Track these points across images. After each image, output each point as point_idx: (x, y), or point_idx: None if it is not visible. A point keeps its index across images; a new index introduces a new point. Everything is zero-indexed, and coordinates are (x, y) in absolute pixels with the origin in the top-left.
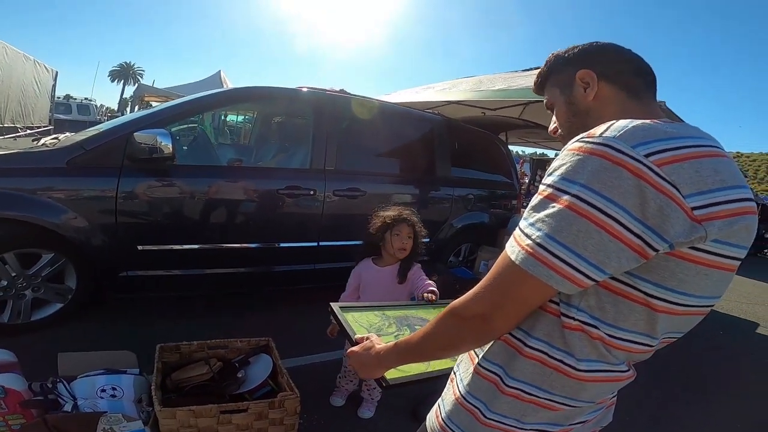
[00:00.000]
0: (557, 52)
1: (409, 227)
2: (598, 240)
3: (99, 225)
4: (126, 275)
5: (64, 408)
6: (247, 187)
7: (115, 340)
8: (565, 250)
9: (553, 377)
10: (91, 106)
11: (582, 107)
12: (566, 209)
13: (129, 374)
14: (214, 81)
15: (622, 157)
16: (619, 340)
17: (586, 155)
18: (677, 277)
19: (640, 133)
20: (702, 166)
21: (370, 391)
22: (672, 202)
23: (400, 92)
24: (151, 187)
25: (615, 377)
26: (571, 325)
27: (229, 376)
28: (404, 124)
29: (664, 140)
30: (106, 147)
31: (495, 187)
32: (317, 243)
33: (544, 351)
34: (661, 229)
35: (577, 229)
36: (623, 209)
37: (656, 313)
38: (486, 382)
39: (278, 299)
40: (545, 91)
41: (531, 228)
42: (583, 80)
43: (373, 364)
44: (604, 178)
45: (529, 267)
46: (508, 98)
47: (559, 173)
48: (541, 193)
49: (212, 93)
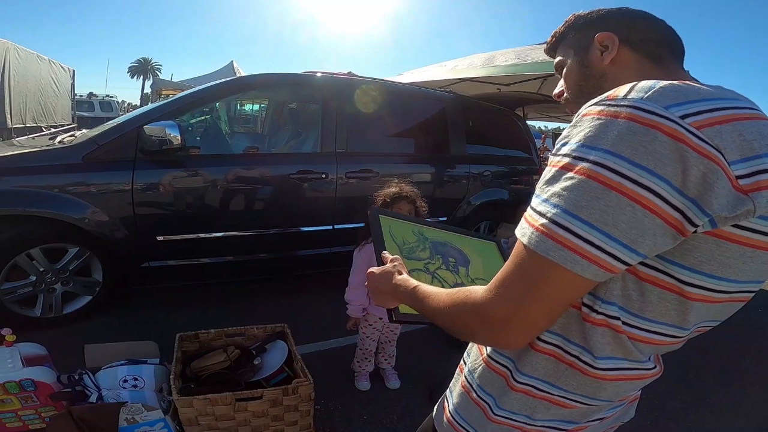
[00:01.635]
0: (579, 12)
1: (408, 204)
2: (630, 215)
3: (118, 218)
4: (148, 266)
5: (90, 399)
6: (259, 173)
7: (139, 331)
8: (590, 228)
9: (568, 374)
10: (113, 102)
11: (596, 71)
12: (590, 180)
13: (150, 364)
14: (227, 71)
15: (654, 118)
16: (644, 332)
17: (610, 119)
18: (717, 260)
19: (671, 93)
20: (746, 129)
21: (388, 359)
22: (718, 168)
23: (411, 72)
24: (165, 179)
25: (638, 375)
26: (594, 319)
27: (245, 363)
28: (414, 104)
29: (699, 101)
30: (118, 141)
31: (513, 163)
32: (332, 226)
33: (559, 345)
34: (702, 200)
35: (605, 204)
36: (661, 178)
37: (690, 301)
38: (496, 376)
39: (295, 284)
40: (558, 52)
41: (545, 205)
42: (602, 43)
43: (387, 292)
44: (634, 143)
45: (546, 251)
46: (523, 73)
47: (578, 140)
48: (554, 164)
49: (219, 82)
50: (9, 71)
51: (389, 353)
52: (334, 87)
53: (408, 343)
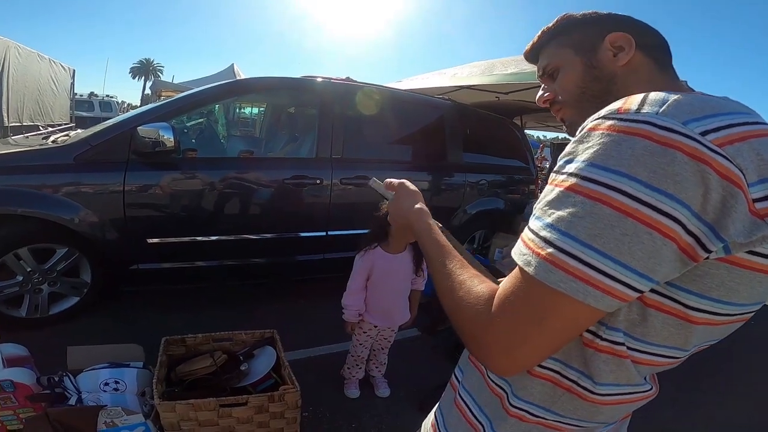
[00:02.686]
0: (569, 13)
1: None
2: (649, 244)
3: (109, 219)
4: (137, 268)
5: (70, 401)
6: (253, 177)
7: (126, 333)
8: (604, 258)
9: (565, 398)
10: (113, 102)
11: (607, 72)
12: (603, 206)
13: (132, 367)
14: (227, 74)
15: (672, 136)
16: (646, 355)
17: (622, 135)
18: (726, 286)
19: (686, 106)
20: (762, 147)
21: (379, 367)
22: (739, 191)
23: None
24: (157, 181)
25: (636, 398)
26: (598, 346)
27: (232, 369)
28: (412, 111)
29: (717, 116)
30: (111, 142)
31: (510, 172)
32: (326, 232)
33: (557, 370)
34: (719, 225)
35: (620, 232)
36: (681, 203)
37: (694, 325)
38: (493, 396)
39: (287, 290)
40: (544, 54)
41: (550, 230)
42: (615, 44)
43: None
44: (652, 165)
45: (556, 283)
46: (521, 81)
47: (585, 158)
48: (558, 183)
49: (216, 85)
50: (8, 70)
51: (381, 361)
52: (331, 92)
53: (398, 352)
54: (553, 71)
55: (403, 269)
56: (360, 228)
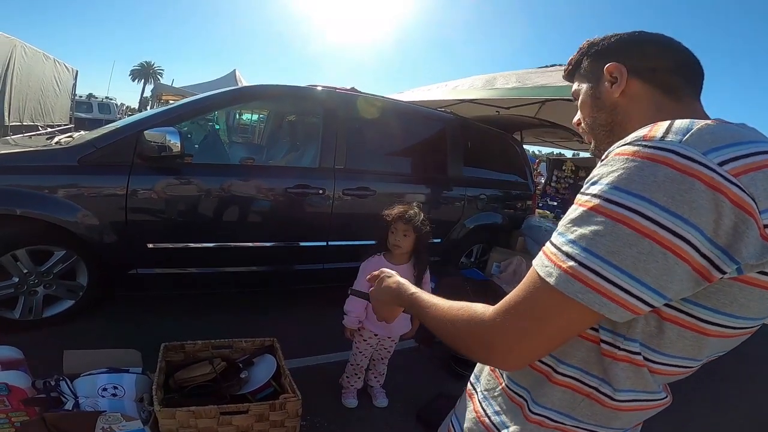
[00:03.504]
0: (592, 39)
1: (405, 225)
2: (663, 263)
3: (109, 223)
4: (136, 273)
5: (66, 406)
6: (256, 185)
7: (124, 338)
8: (621, 273)
9: (584, 404)
10: (111, 104)
11: (607, 103)
12: (624, 227)
13: (131, 373)
14: (228, 80)
15: (693, 165)
16: (662, 365)
17: (646, 162)
18: (738, 302)
19: (707, 136)
20: None
21: (377, 377)
22: (750, 218)
23: (412, 90)
24: (161, 186)
25: (653, 405)
26: (615, 355)
27: (231, 376)
28: (415, 123)
29: (734, 145)
30: (116, 145)
31: (509, 187)
32: (326, 243)
33: (577, 378)
34: (732, 249)
35: (638, 251)
36: (694, 227)
37: (707, 337)
38: (513, 404)
39: (287, 299)
40: (575, 79)
41: (572, 246)
42: (612, 74)
43: (386, 300)
44: (672, 191)
45: (574, 294)
46: (522, 96)
47: (610, 181)
48: (583, 203)
49: (222, 91)
50: (13, 69)
51: (380, 371)
52: (336, 102)
53: (396, 362)
54: (576, 97)
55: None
56: (361, 239)
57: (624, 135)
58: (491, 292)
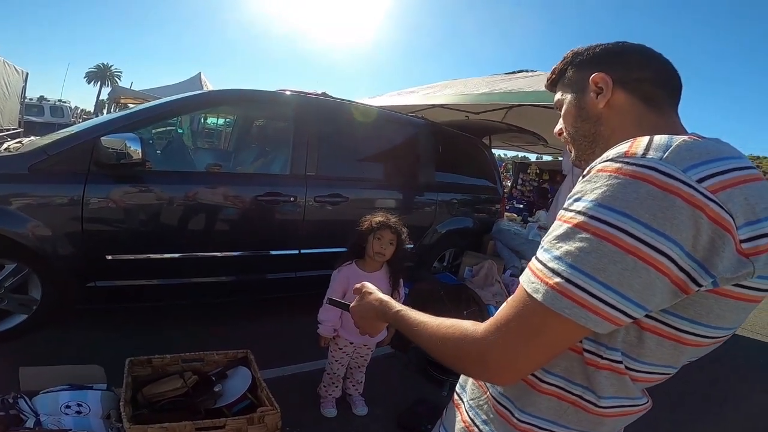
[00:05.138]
0: (577, 49)
1: (392, 234)
2: (645, 278)
3: (64, 234)
4: (95, 285)
5: (27, 424)
6: (224, 193)
7: (84, 354)
8: (606, 289)
9: (570, 412)
10: (64, 108)
11: (592, 113)
12: (608, 244)
13: (96, 390)
14: (193, 83)
15: (673, 183)
16: (642, 373)
17: (628, 179)
18: (714, 313)
19: (686, 153)
20: (750, 193)
21: (356, 386)
22: (726, 234)
23: (383, 96)
24: (120, 195)
25: (635, 410)
26: (597, 364)
27: (205, 390)
28: (387, 128)
29: (711, 162)
30: (70, 152)
31: (479, 192)
32: (298, 251)
33: (561, 387)
34: (709, 263)
35: (622, 268)
36: (675, 243)
37: (685, 346)
38: (497, 414)
39: (259, 308)
40: (557, 89)
41: (558, 263)
42: (597, 84)
43: (370, 316)
44: (653, 208)
45: (561, 309)
46: (490, 102)
47: (594, 198)
48: (568, 220)
49: (187, 96)
50: None
51: (358, 379)
52: (307, 107)
53: (374, 369)
54: (560, 107)
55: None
56: (334, 246)
57: (606, 146)
58: (464, 296)
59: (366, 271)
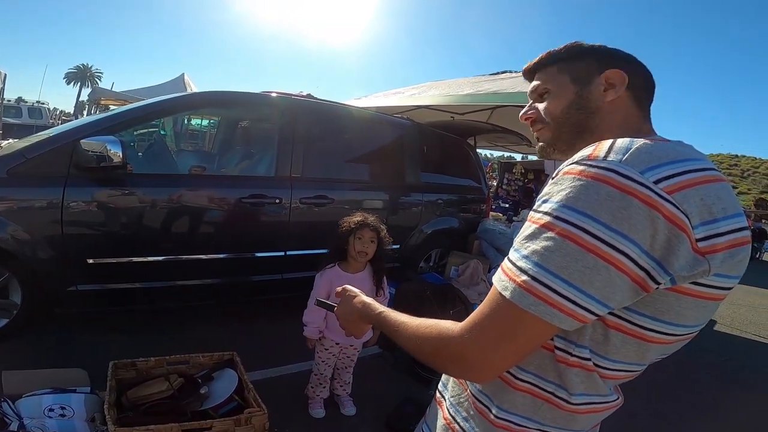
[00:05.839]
0: (579, 42)
1: (371, 232)
2: (605, 276)
3: (44, 238)
4: (76, 289)
5: (10, 427)
6: (208, 195)
7: (67, 357)
8: (568, 286)
9: (545, 408)
10: (43, 109)
11: (592, 105)
12: (571, 243)
13: (79, 393)
14: (177, 84)
15: (630, 184)
16: (611, 371)
17: (590, 181)
18: (674, 310)
19: (645, 156)
20: (706, 193)
21: (343, 386)
22: (682, 233)
23: (369, 97)
24: (101, 198)
25: (606, 407)
26: (567, 361)
27: (191, 392)
28: (373, 130)
29: (670, 164)
30: (50, 155)
31: (464, 192)
32: (284, 252)
33: (534, 383)
34: (666, 261)
35: (583, 266)
36: (633, 242)
37: (649, 344)
38: (476, 411)
39: (245, 310)
40: (542, 74)
41: (526, 261)
42: (609, 80)
43: (355, 319)
44: (612, 208)
45: (528, 306)
46: (475, 102)
47: (559, 200)
48: (535, 221)
49: (171, 98)
50: None
51: (345, 380)
52: (292, 109)
53: (361, 369)
54: (543, 92)
55: (362, 288)
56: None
57: (591, 139)
58: (451, 296)
59: (349, 272)
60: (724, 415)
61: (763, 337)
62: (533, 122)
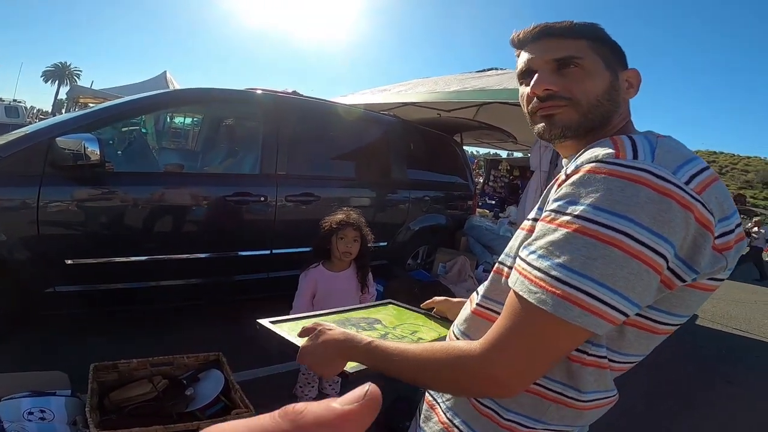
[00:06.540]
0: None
1: (354, 231)
2: (647, 280)
3: (19, 239)
4: (54, 291)
5: None
6: (191, 194)
7: (45, 360)
8: (613, 294)
9: (552, 409)
10: (20, 108)
11: (618, 99)
12: (615, 249)
13: (59, 396)
14: (158, 82)
15: (667, 186)
16: (621, 364)
17: (625, 182)
18: (685, 304)
19: (669, 155)
20: (718, 191)
21: (332, 385)
22: (708, 232)
23: (356, 94)
24: (78, 197)
25: (608, 402)
26: (584, 360)
27: (176, 394)
28: (359, 127)
29: (689, 163)
30: (24, 154)
31: (451, 189)
32: (270, 251)
33: (542, 384)
34: (692, 260)
35: (629, 272)
36: (671, 245)
37: (657, 335)
38: (481, 415)
39: (229, 309)
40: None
41: (563, 270)
42: (629, 80)
43: (330, 356)
44: (653, 212)
45: (573, 318)
46: (462, 99)
47: (592, 202)
48: (565, 225)
49: (152, 94)
50: None
51: (334, 379)
52: (277, 106)
53: None
54: (571, 65)
55: (347, 287)
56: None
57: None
58: (438, 293)
59: (334, 271)
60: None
61: (743, 331)
62: (549, 97)
